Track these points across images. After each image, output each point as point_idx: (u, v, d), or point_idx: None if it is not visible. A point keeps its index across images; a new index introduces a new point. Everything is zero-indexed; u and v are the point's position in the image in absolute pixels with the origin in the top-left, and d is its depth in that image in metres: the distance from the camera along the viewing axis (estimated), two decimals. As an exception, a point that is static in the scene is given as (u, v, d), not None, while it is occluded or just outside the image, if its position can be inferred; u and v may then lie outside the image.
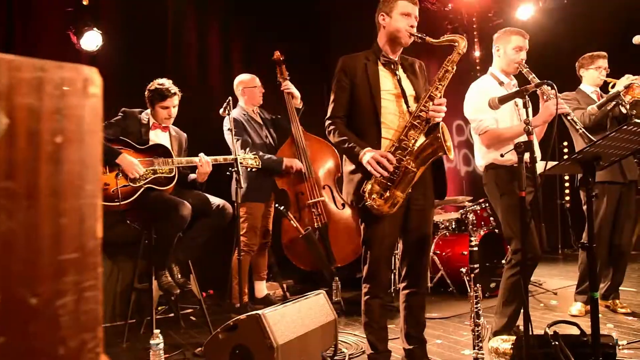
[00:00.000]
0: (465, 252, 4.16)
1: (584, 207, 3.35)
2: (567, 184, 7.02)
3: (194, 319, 3.74)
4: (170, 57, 4.64)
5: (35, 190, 0.57)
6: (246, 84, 3.82)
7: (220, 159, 3.12)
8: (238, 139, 3.23)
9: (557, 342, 1.88)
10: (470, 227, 4.51)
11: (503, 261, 3.37)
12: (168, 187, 3.02)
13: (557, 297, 4.08)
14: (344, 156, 2.36)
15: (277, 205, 3.71)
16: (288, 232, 3.70)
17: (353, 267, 4.01)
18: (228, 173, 3.12)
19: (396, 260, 3.78)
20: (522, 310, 2.09)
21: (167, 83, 3.14)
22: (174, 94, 3.13)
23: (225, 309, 3.83)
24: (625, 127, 1.87)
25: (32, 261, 0.56)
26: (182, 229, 3.01)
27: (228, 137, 3.53)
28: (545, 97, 2.64)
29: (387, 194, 2.17)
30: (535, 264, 2.70)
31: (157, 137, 3.15)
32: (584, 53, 3.61)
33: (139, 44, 4.33)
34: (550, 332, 2.01)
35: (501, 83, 2.81)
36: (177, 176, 3.06)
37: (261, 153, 3.39)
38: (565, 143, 6.63)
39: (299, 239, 3.59)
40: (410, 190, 2.22)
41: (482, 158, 2.82)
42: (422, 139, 2.24)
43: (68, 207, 0.61)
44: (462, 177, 6.89)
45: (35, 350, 0.55)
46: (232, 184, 3.59)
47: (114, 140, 2.96)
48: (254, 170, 3.23)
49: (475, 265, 2.14)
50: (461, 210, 4.74)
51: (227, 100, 3.07)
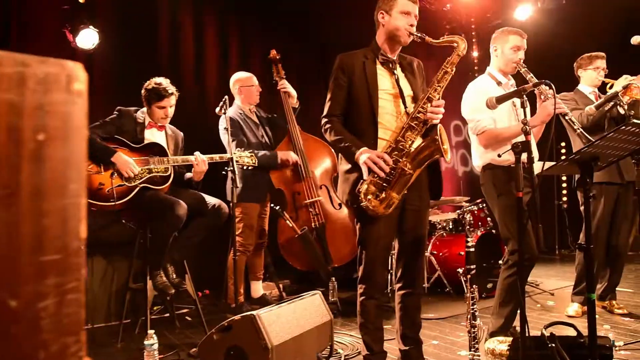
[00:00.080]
0: (462, 253, 4.15)
1: (582, 208, 3.35)
2: (564, 185, 7.02)
3: (189, 319, 3.73)
4: (166, 55, 4.62)
5: (16, 189, 0.55)
6: (243, 82, 3.77)
7: (216, 157, 3.08)
8: (234, 140, 3.20)
9: (553, 344, 1.87)
10: (467, 227, 4.50)
11: (500, 262, 3.36)
12: (164, 186, 2.98)
13: (554, 297, 4.07)
14: (340, 155, 2.35)
15: (272, 205, 3.68)
16: (284, 232, 3.67)
17: (350, 268, 3.99)
18: (224, 172, 3.09)
19: (393, 260, 3.76)
20: (518, 311, 2.08)
21: (164, 82, 3.09)
22: (172, 94, 3.08)
23: (221, 309, 3.81)
24: (624, 127, 1.86)
25: (12, 262, 0.54)
26: (178, 229, 2.99)
27: (224, 136, 3.50)
28: (543, 97, 2.63)
29: (383, 195, 2.15)
30: (532, 265, 2.69)
31: (153, 136, 3.11)
32: (582, 53, 3.60)
33: (136, 42, 4.31)
34: (547, 333, 2.00)
35: (499, 83, 2.79)
36: (172, 175, 3.03)
37: (255, 151, 3.36)
38: (563, 144, 6.63)
39: (295, 239, 3.57)
40: (405, 192, 2.21)
41: (479, 158, 2.81)
42: (419, 141, 2.22)
43: (50, 206, 0.59)
44: (460, 178, 6.89)
45: (15, 355, 0.53)
46: (227, 184, 3.57)
47: (109, 139, 2.93)
48: (250, 168, 3.20)
49: (472, 267, 2.12)
50: (458, 211, 4.74)
51: (223, 99, 3.04)
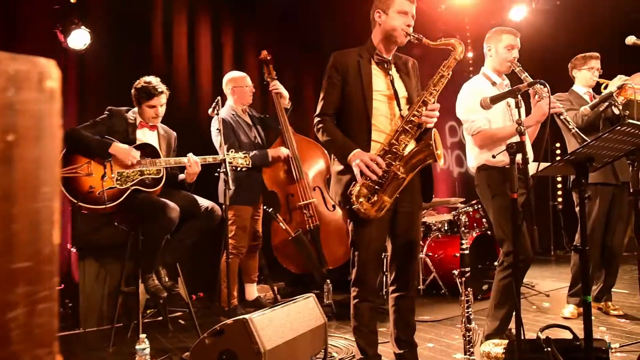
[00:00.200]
0: (458, 254, 4.12)
1: (577, 209, 3.33)
2: (559, 185, 7.03)
3: (182, 322, 3.69)
4: (159, 55, 4.58)
5: (-17, 192, 0.52)
6: (236, 82, 3.72)
7: (210, 159, 3.04)
8: (226, 142, 3.16)
9: (549, 349, 1.85)
10: (462, 229, 4.48)
11: (495, 263, 3.34)
12: (156, 188, 2.94)
13: (550, 299, 4.06)
14: (333, 155, 2.32)
15: (265, 207, 3.64)
16: (278, 235, 3.64)
17: (345, 269, 3.95)
18: (216, 174, 3.05)
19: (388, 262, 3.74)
20: (514, 313, 2.06)
21: (154, 81, 3.04)
22: (161, 92, 3.03)
23: (215, 312, 3.78)
24: (619, 127, 1.84)
25: (-22, 270, 0.51)
26: (170, 232, 2.95)
27: (216, 138, 3.46)
28: (537, 97, 2.61)
29: (375, 198, 2.12)
30: (527, 266, 2.68)
31: (145, 136, 3.06)
32: (576, 54, 3.60)
33: (128, 42, 4.28)
34: (542, 336, 1.98)
35: (494, 83, 2.78)
36: (165, 177, 2.99)
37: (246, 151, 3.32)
38: (558, 144, 6.64)
39: (289, 242, 3.53)
40: (397, 195, 2.18)
41: (474, 159, 2.79)
42: (412, 145, 2.20)
43: (21, 210, 0.56)
44: (455, 179, 6.88)
45: (-18, 368, 0.50)
46: (220, 185, 3.53)
47: None
48: (243, 170, 3.17)
49: (467, 269, 2.10)
50: (453, 212, 4.72)
51: (216, 100, 3.00)
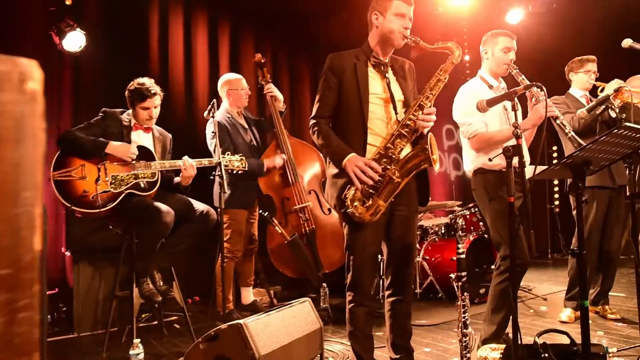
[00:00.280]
0: (455, 258, 4.11)
1: (574, 212, 3.32)
2: (556, 189, 7.04)
3: (177, 326, 3.66)
4: (155, 57, 4.56)
5: (-40, 197, 0.50)
6: (232, 85, 3.69)
7: (205, 161, 3.02)
8: (221, 146, 3.13)
9: (546, 354, 1.83)
10: (459, 232, 4.47)
11: (492, 267, 3.32)
12: (150, 192, 2.92)
13: (547, 302, 4.04)
14: (328, 158, 2.30)
15: (261, 211, 3.62)
16: (274, 239, 3.61)
17: (342, 273, 3.93)
18: (211, 177, 3.03)
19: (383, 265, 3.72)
20: (511, 318, 2.04)
21: (147, 82, 3.02)
22: (155, 94, 3.00)
23: (210, 316, 3.75)
24: (616, 131, 1.83)
25: (-45, 278, 0.49)
26: (165, 236, 2.92)
27: (211, 141, 3.43)
28: (534, 100, 2.60)
29: (370, 202, 2.10)
30: (524, 270, 2.66)
31: (139, 138, 3.04)
32: (573, 57, 3.59)
33: (124, 44, 4.26)
34: (539, 341, 1.96)
35: (490, 86, 2.76)
36: (159, 181, 2.96)
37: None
38: (555, 147, 6.65)
39: (284, 246, 3.51)
40: (392, 199, 2.16)
41: (470, 162, 2.78)
42: (408, 149, 2.18)
43: (0, 216, 0.54)
44: (452, 182, 6.87)
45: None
46: (215, 189, 3.50)
47: None
48: (240, 172, 3.15)
49: (463, 273, 2.08)
50: (450, 215, 4.71)
51: (212, 103, 2.98)
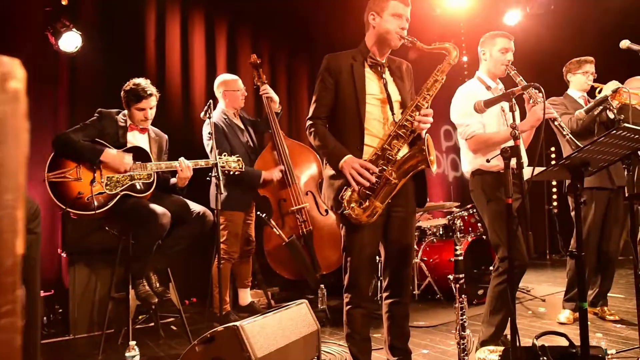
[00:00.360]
0: (453, 259, 4.10)
1: (572, 213, 3.31)
2: (554, 189, 7.03)
3: (174, 328, 3.64)
4: (152, 57, 4.54)
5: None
6: (228, 86, 3.66)
7: (201, 162, 3.00)
8: (218, 148, 3.11)
9: (545, 357, 1.82)
10: (457, 234, 4.45)
11: (491, 268, 3.31)
12: (146, 193, 2.90)
13: (545, 304, 4.03)
14: (325, 160, 2.29)
15: (259, 213, 3.59)
16: (271, 240, 3.59)
17: (340, 274, 3.93)
18: (208, 179, 3.01)
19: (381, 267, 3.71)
20: (509, 320, 2.02)
21: (143, 83, 2.99)
22: (150, 94, 2.98)
23: (207, 317, 3.73)
24: (614, 132, 1.82)
25: None
26: (161, 238, 2.90)
27: (208, 142, 3.41)
28: (532, 101, 2.59)
29: (366, 203, 2.09)
30: (522, 272, 2.64)
31: (135, 139, 3.01)
32: (571, 58, 3.58)
33: (120, 45, 4.23)
34: (538, 344, 1.94)
35: (488, 87, 2.75)
36: (155, 182, 2.94)
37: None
38: (553, 148, 6.64)
39: (282, 247, 3.49)
40: (389, 201, 2.15)
41: (468, 164, 2.76)
42: (405, 149, 2.17)
43: (-20, 220, 0.52)
44: (450, 183, 6.86)
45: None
46: (211, 190, 3.48)
47: (89, 142, 2.84)
48: (237, 173, 3.13)
49: (461, 275, 2.06)
50: (449, 216, 4.69)
51: (208, 104, 2.96)
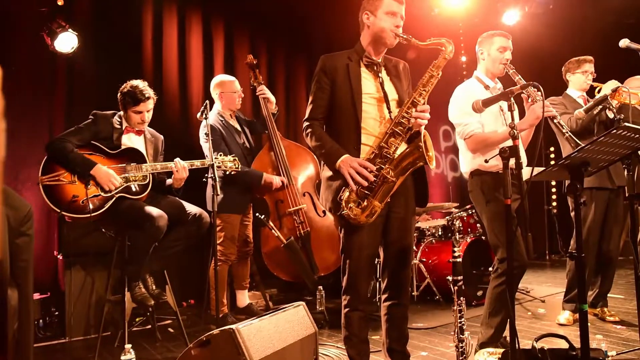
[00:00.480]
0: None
1: (572, 214, 3.29)
2: (554, 190, 7.01)
3: (171, 330, 3.62)
4: (149, 57, 4.51)
5: None
6: (224, 87, 3.63)
7: (197, 163, 2.97)
8: (215, 150, 3.09)
9: (545, 360, 1.80)
10: (456, 235, 4.43)
11: (490, 269, 3.29)
12: (142, 195, 2.86)
13: (545, 305, 4.01)
14: (322, 161, 2.26)
15: (257, 214, 3.57)
16: (268, 242, 3.56)
17: (339, 276, 3.91)
18: (204, 180, 2.99)
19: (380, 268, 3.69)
20: (509, 322, 2.00)
21: (141, 85, 2.96)
22: (148, 97, 2.95)
23: (205, 319, 3.71)
24: (615, 131, 1.80)
25: None
26: (158, 240, 2.86)
27: (205, 144, 3.38)
28: (530, 100, 2.57)
29: (365, 203, 2.07)
30: (522, 273, 2.62)
31: (131, 141, 2.98)
32: (570, 57, 3.57)
33: (117, 45, 4.21)
34: (538, 346, 1.92)
35: (487, 86, 2.73)
36: (151, 184, 2.91)
37: (241, 166, 3.24)
38: (552, 148, 6.63)
39: (280, 249, 3.46)
40: (388, 200, 2.13)
41: (467, 164, 2.74)
42: (403, 147, 2.15)
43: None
44: (449, 183, 6.84)
45: None
46: (208, 191, 3.46)
47: (83, 146, 2.82)
48: (233, 173, 3.10)
49: (459, 277, 2.04)
50: (447, 217, 4.67)
51: (204, 104, 2.94)
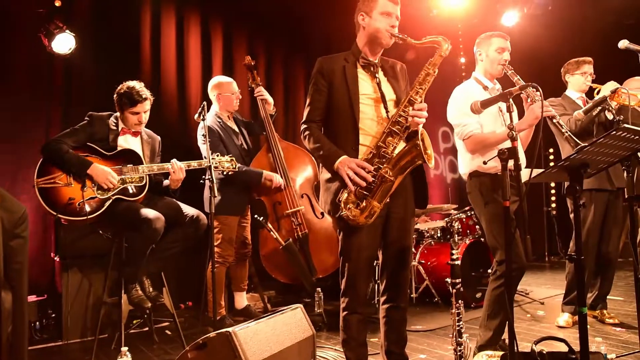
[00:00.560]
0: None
1: (571, 215, 3.27)
2: (553, 191, 7.00)
3: (169, 333, 3.59)
4: (147, 58, 4.49)
5: None
6: (222, 89, 3.61)
7: (194, 164, 2.95)
8: (213, 151, 3.07)
9: (544, 364, 1.78)
10: (455, 237, 4.41)
11: (489, 270, 3.28)
12: (138, 197, 2.85)
13: (544, 307, 3.99)
14: (321, 163, 2.25)
15: (256, 216, 3.54)
16: (267, 244, 3.54)
17: (337, 278, 3.90)
18: (202, 181, 2.97)
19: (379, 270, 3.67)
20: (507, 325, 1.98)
21: (137, 86, 2.94)
22: (145, 99, 2.93)
23: (203, 321, 3.68)
24: (614, 132, 1.78)
25: None
26: (155, 242, 2.84)
27: (202, 145, 3.36)
28: (529, 101, 2.55)
29: (364, 204, 2.05)
30: (520, 275, 2.61)
31: (127, 142, 2.96)
32: (569, 59, 3.56)
33: (115, 46, 4.18)
34: (537, 349, 1.90)
35: (485, 87, 2.72)
36: (147, 185, 2.89)
37: (239, 165, 3.22)
38: (552, 150, 6.61)
39: (278, 251, 3.44)
40: (388, 200, 2.11)
41: (466, 165, 2.73)
42: (401, 146, 2.13)
43: None
44: (448, 185, 6.83)
45: None
46: (205, 193, 3.44)
47: (79, 148, 2.80)
48: (230, 173, 3.08)
49: (457, 280, 2.02)
50: (447, 219, 4.66)
51: (202, 106, 2.92)
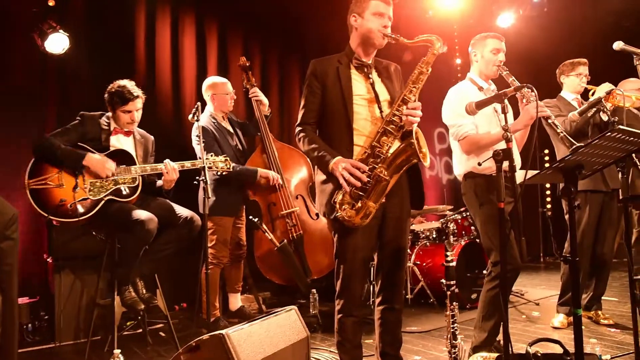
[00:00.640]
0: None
1: (566, 216, 3.27)
2: (548, 192, 7.01)
3: (163, 334, 3.57)
4: (142, 58, 4.47)
5: None
6: (216, 89, 3.59)
7: (187, 164, 2.93)
8: (208, 152, 3.05)
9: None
10: (450, 238, 4.41)
11: (484, 271, 3.27)
12: (131, 198, 2.82)
13: (539, 307, 3.99)
14: (315, 165, 2.24)
15: (251, 217, 3.53)
16: (261, 245, 3.53)
17: (332, 279, 3.89)
18: (195, 182, 2.95)
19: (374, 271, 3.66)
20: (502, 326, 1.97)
21: (128, 85, 2.91)
22: (137, 96, 2.91)
23: (197, 323, 3.66)
24: (609, 133, 1.78)
25: None
26: (148, 243, 2.82)
27: (197, 146, 3.35)
28: (525, 101, 2.55)
29: (359, 204, 2.04)
30: (515, 276, 2.60)
31: (120, 142, 2.94)
32: (564, 60, 3.56)
33: (109, 46, 4.16)
34: (531, 351, 1.90)
35: (480, 88, 2.72)
36: (140, 186, 2.87)
37: (234, 165, 3.20)
38: (546, 151, 6.63)
39: (273, 252, 3.43)
40: (383, 200, 2.10)
41: (460, 166, 2.72)
42: (396, 146, 2.12)
43: None
44: (444, 185, 6.83)
45: None
46: (200, 194, 3.41)
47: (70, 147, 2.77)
48: (224, 174, 3.06)
49: (452, 282, 2.01)
50: (442, 220, 4.65)
51: (196, 106, 2.90)
